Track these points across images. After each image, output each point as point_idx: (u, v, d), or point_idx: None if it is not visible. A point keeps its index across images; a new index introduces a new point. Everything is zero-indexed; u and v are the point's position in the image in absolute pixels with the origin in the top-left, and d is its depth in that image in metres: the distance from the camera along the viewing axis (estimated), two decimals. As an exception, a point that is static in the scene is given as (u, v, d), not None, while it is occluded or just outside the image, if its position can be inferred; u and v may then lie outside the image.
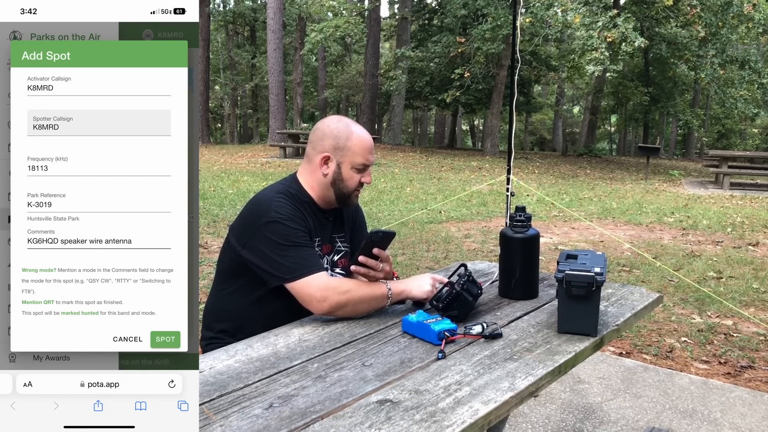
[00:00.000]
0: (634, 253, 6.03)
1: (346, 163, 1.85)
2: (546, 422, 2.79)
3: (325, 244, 1.94)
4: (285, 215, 1.78)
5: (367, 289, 1.74)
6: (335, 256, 1.97)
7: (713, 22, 15.06)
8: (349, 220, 2.06)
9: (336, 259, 1.98)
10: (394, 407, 1.24)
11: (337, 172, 1.86)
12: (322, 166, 1.86)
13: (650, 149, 16.04)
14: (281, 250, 1.74)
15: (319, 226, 1.91)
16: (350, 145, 1.85)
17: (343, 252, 2.00)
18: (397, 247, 6.22)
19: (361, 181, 1.89)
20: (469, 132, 44.83)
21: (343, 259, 1.99)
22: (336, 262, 1.98)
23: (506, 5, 17.29)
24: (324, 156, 1.86)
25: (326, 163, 1.86)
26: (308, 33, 21.91)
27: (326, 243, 1.94)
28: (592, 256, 1.72)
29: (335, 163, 1.85)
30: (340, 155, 1.85)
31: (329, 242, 1.96)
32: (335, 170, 1.86)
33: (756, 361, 3.52)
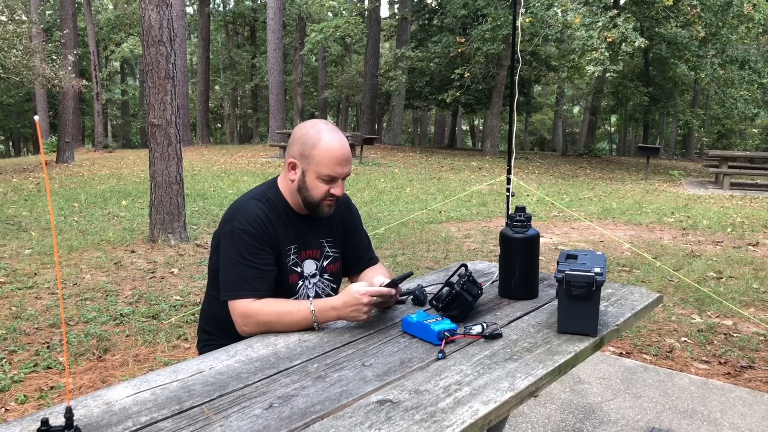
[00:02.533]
0: (634, 253, 6.03)
1: (310, 171, 1.77)
2: (546, 422, 2.79)
3: (308, 250, 1.88)
4: (246, 226, 1.74)
5: (287, 319, 1.67)
6: (324, 261, 1.92)
7: (713, 22, 15.06)
8: (339, 224, 1.99)
9: (325, 264, 1.92)
10: (394, 407, 1.24)
11: (302, 180, 1.79)
12: (289, 172, 1.81)
13: (650, 149, 16.04)
14: (229, 263, 1.73)
15: (295, 232, 1.85)
16: (315, 153, 1.75)
17: (332, 257, 1.94)
18: (397, 247, 6.22)
19: (331, 192, 1.80)
20: (469, 132, 44.82)
21: (333, 265, 1.94)
22: (325, 267, 1.92)
23: (506, 5, 17.30)
24: (290, 162, 1.80)
25: (293, 168, 1.81)
26: (308, 33, 21.92)
27: (309, 248, 1.88)
28: (592, 256, 1.72)
29: (300, 170, 1.79)
30: (305, 163, 1.77)
31: (316, 248, 1.90)
32: (300, 177, 1.79)
33: (756, 361, 3.52)
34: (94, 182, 11.58)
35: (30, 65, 12.95)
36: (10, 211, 8.21)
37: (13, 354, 3.44)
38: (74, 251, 5.88)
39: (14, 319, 3.98)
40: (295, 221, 1.85)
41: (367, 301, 1.64)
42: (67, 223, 7.37)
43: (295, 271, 1.85)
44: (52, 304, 4.30)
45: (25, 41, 13.03)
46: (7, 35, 12.51)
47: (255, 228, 1.74)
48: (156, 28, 6.10)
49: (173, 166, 6.25)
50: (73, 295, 4.53)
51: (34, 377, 3.15)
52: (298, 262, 1.85)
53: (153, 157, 6.28)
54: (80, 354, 3.45)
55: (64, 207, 8.49)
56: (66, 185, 11.06)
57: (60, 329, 3.81)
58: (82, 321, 3.98)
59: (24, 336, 3.70)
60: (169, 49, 6.16)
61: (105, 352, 3.49)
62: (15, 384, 3.07)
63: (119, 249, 6.05)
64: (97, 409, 1.24)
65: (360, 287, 1.65)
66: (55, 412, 1.18)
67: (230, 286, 1.72)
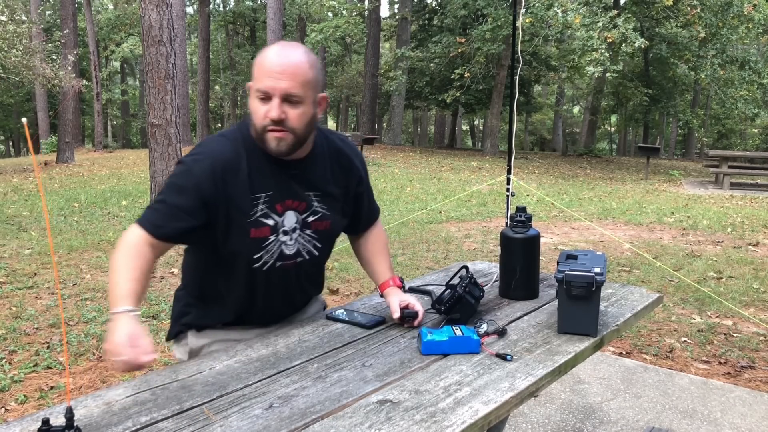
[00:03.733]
0: (634, 253, 6.03)
1: (252, 90, 1.50)
2: (546, 422, 2.79)
3: (288, 200, 1.60)
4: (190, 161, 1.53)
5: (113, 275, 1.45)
6: (310, 216, 1.64)
7: (713, 22, 15.06)
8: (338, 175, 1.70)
9: (311, 220, 1.65)
10: (394, 407, 1.24)
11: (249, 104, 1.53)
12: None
13: (650, 149, 16.03)
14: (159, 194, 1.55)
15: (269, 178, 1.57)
16: (255, 68, 1.49)
17: (320, 214, 1.66)
18: (397, 248, 6.22)
19: (267, 116, 1.48)
20: (469, 132, 44.82)
21: (319, 222, 1.67)
22: (309, 222, 1.65)
23: (506, 5, 17.30)
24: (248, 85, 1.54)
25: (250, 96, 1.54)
26: (308, 33, 21.92)
27: (289, 198, 1.60)
28: (592, 256, 1.72)
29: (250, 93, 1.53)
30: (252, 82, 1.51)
31: (299, 198, 1.62)
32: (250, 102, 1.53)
33: (756, 361, 3.52)
34: (94, 182, 11.57)
35: (30, 65, 12.96)
36: (10, 211, 8.21)
37: (13, 354, 3.44)
38: (74, 251, 5.88)
39: (14, 319, 3.98)
40: (271, 166, 1.57)
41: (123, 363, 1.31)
42: (67, 223, 7.36)
43: (265, 223, 1.57)
44: (52, 304, 4.30)
45: (25, 41, 13.04)
46: (7, 35, 12.51)
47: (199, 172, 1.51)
48: (156, 28, 6.10)
49: (173, 166, 6.25)
50: (73, 295, 4.53)
51: (34, 377, 3.15)
52: (270, 213, 1.58)
53: (153, 157, 6.28)
54: (80, 354, 3.45)
55: (64, 207, 8.49)
56: (66, 185, 11.06)
57: (60, 329, 3.81)
58: (82, 321, 3.98)
59: (24, 336, 3.70)
60: (169, 49, 6.16)
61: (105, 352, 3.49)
62: (15, 384, 3.07)
63: (119, 249, 6.05)
64: (97, 409, 1.24)
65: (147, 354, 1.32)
66: (55, 412, 1.18)
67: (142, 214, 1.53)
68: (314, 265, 1.74)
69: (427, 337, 1.52)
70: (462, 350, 1.51)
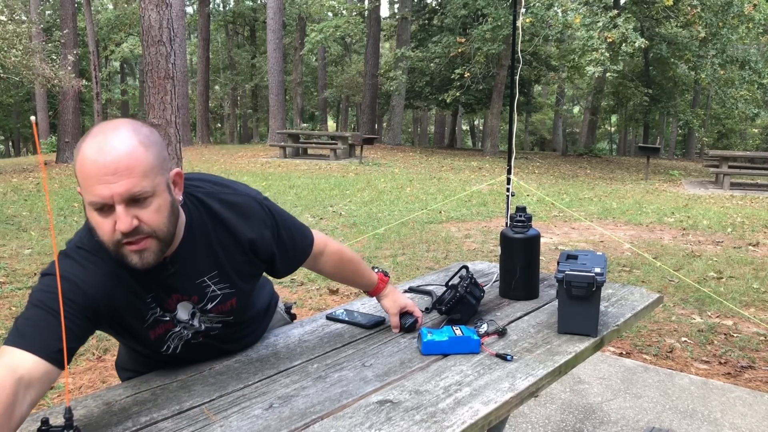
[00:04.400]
0: (634, 253, 6.03)
1: (87, 204, 1.19)
2: (546, 422, 2.79)
3: (172, 296, 1.36)
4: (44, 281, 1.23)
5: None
6: (208, 304, 1.41)
7: (713, 22, 15.05)
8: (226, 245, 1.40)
9: (210, 306, 1.41)
10: (394, 408, 1.24)
11: (89, 217, 1.22)
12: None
13: (650, 149, 16.02)
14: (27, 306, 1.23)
15: (145, 281, 1.31)
16: (78, 174, 1.17)
17: (220, 296, 1.42)
18: (397, 247, 6.22)
19: (118, 229, 1.16)
20: (469, 132, 44.81)
21: (223, 304, 1.43)
22: (209, 310, 1.42)
23: (506, 5, 17.29)
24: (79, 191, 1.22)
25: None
26: (308, 33, 21.91)
27: (175, 293, 1.36)
28: (593, 256, 1.72)
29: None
30: (81, 192, 1.19)
31: (187, 293, 1.38)
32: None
33: (756, 361, 3.52)
34: (94, 182, 11.55)
35: (30, 65, 12.95)
36: (10, 211, 8.21)
37: (13, 354, 3.43)
38: (74, 251, 5.87)
39: (14, 320, 3.98)
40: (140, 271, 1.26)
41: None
42: (67, 223, 7.36)
43: (162, 320, 1.37)
44: (52, 304, 4.29)
45: (25, 41, 13.03)
46: (7, 35, 12.51)
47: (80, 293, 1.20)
48: (156, 28, 6.10)
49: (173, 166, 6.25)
50: (73, 295, 4.52)
51: (34, 377, 3.14)
52: (164, 312, 1.36)
53: (153, 157, 6.28)
54: (80, 354, 3.45)
55: (64, 207, 8.49)
56: (66, 185, 11.06)
57: (60, 329, 3.81)
58: (82, 321, 3.97)
59: (24, 336, 3.70)
60: (169, 49, 6.16)
61: (105, 352, 3.49)
62: (15, 384, 3.06)
63: (119, 249, 6.05)
64: (97, 409, 1.24)
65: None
66: (55, 412, 1.18)
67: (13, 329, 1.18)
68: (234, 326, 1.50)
69: (427, 337, 1.52)
70: (462, 350, 1.51)
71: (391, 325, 1.71)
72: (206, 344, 1.47)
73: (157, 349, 1.41)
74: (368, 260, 5.72)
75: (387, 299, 1.73)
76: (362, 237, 6.64)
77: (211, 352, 1.51)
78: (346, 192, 10.25)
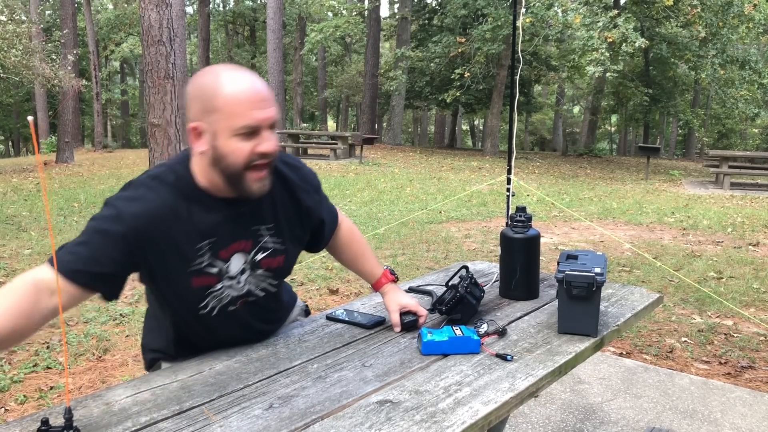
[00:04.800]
0: (635, 253, 6.03)
1: (222, 130, 1.30)
2: (546, 422, 2.79)
3: (231, 244, 1.43)
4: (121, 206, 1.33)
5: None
6: (259, 254, 1.48)
7: (713, 22, 15.05)
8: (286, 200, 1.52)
9: (259, 258, 1.48)
10: (394, 408, 1.24)
11: (214, 147, 1.32)
12: (195, 142, 1.35)
13: (650, 149, 16.02)
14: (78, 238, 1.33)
15: (209, 222, 1.39)
16: (221, 103, 1.29)
17: (271, 249, 1.49)
18: (397, 247, 6.22)
19: (257, 151, 1.31)
20: (469, 132, 44.81)
21: (271, 259, 1.51)
22: (258, 262, 1.49)
23: (506, 5, 17.29)
24: (193, 127, 1.33)
25: (199, 136, 1.34)
26: (308, 33, 21.92)
27: (234, 241, 1.43)
28: (593, 256, 1.72)
29: (209, 134, 1.32)
30: (211, 121, 1.31)
31: (244, 238, 1.45)
32: (211, 144, 1.32)
33: (756, 361, 3.52)
34: (94, 182, 11.57)
35: (30, 65, 12.95)
36: (9, 211, 8.21)
37: (12, 354, 3.44)
38: (74, 251, 5.87)
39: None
40: (214, 209, 1.39)
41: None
42: (67, 223, 7.36)
43: (209, 272, 1.41)
44: (52, 304, 4.29)
45: (24, 41, 13.02)
46: (6, 35, 12.51)
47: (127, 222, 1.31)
48: (156, 27, 6.10)
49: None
50: (73, 295, 4.52)
51: (34, 377, 3.15)
52: (214, 261, 1.42)
53: (153, 157, 6.28)
54: (80, 354, 3.45)
55: (64, 207, 8.49)
56: (66, 185, 11.06)
57: (59, 329, 3.81)
58: (82, 321, 3.98)
59: (24, 336, 3.70)
60: (168, 49, 6.16)
61: (105, 352, 3.49)
62: (15, 384, 3.07)
63: (119, 249, 6.04)
64: (97, 409, 1.23)
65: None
66: (55, 413, 1.18)
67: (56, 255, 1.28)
68: (270, 299, 1.58)
69: (427, 337, 1.52)
70: (462, 350, 1.51)
71: (391, 323, 1.71)
72: (239, 316, 1.52)
73: (195, 303, 1.44)
74: (368, 260, 5.71)
75: (388, 296, 1.75)
76: (362, 237, 6.63)
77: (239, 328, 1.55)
78: (346, 192, 10.25)
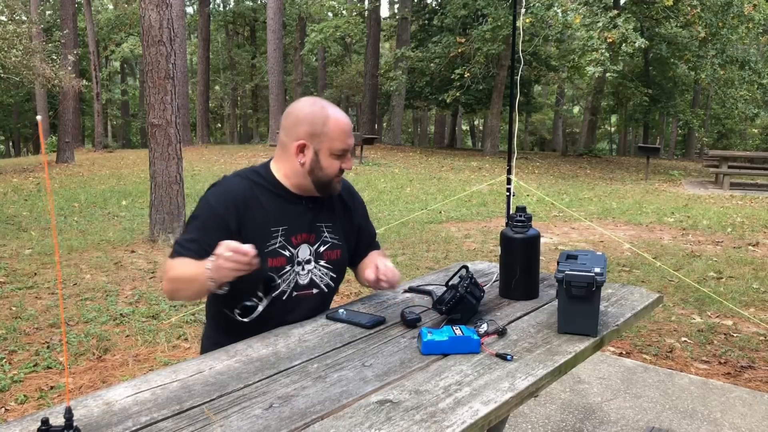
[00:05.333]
0: (634, 253, 6.03)
1: (324, 150, 1.72)
2: (546, 422, 2.79)
3: (302, 233, 1.78)
4: (210, 196, 1.73)
5: (184, 269, 1.62)
6: (321, 246, 1.82)
7: (713, 22, 15.05)
8: (341, 210, 1.91)
9: (322, 250, 1.82)
10: (394, 407, 1.24)
11: (315, 160, 1.73)
12: (298, 155, 1.73)
13: (650, 149, 16.02)
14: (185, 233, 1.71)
15: (286, 214, 1.76)
16: (327, 130, 1.71)
17: (330, 243, 1.84)
18: (397, 247, 6.22)
19: (342, 167, 1.76)
20: (469, 132, 44.81)
21: (331, 252, 1.84)
22: (321, 253, 1.82)
23: (506, 5, 17.28)
24: (299, 144, 1.72)
25: (302, 151, 1.73)
26: (308, 33, 21.93)
27: (302, 232, 1.78)
28: (592, 256, 1.72)
29: (312, 150, 1.72)
30: (317, 142, 1.72)
31: (310, 231, 1.80)
32: (312, 158, 1.73)
33: (756, 361, 3.52)
34: (94, 182, 11.57)
35: (30, 65, 12.94)
36: (10, 211, 8.21)
37: (13, 354, 3.44)
38: (74, 251, 5.88)
39: (14, 319, 3.98)
40: (288, 202, 1.78)
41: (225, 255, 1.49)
42: (67, 223, 7.37)
43: (282, 254, 1.74)
44: (52, 304, 4.30)
45: (25, 41, 13.02)
46: (7, 35, 12.50)
47: (220, 205, 1.69)
48: (156, 28, 6.10)
49: (173, 166, 6.25)
50: (73, 295, 4.53)
51: (34, 377, 3.15)
52: (286, 245, 1.75)
53: (153, 157, 6.28)
54: (80, 354, 3.45)
55: (64, 207, 8.49)
56: (66, 185, 11.06)
57: (60, 329, 3.81)
58: (82, 321, 3.98)
59: (24, 336, 3.70)
60: (169, 49, 6.16)
61: (105, 352, 3.50)
62: (15, 384, 3.07)
63: (119, 249, 6.05)
64: (97, 409, 1.24)
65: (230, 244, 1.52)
66: (55, 412, 1.18)
67: (173, 249, 1.68)
68: (329, 296, 1.87)
69: (427, 337, 1.52)
70: (462, 350, 1.51)
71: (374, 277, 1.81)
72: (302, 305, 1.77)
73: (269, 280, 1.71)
74: (368, 260, 5.71)
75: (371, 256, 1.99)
76: (362, 237, 6.64)
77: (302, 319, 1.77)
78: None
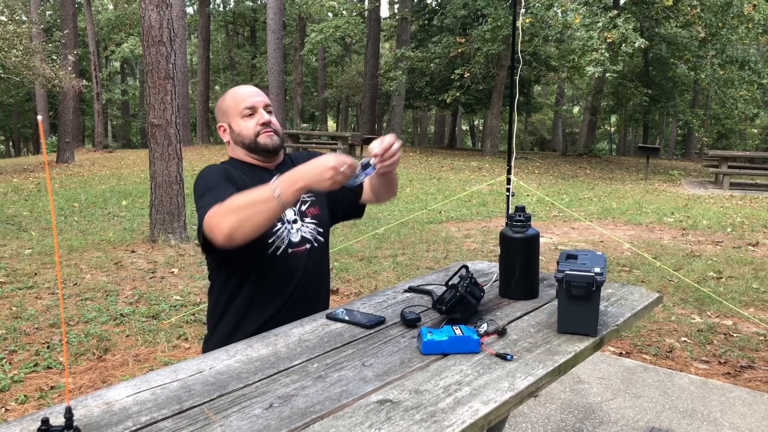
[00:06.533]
0: (634, 253, 6.03)
1: (233, 119, 1.88)
2: (546, 422, 2.79)
3: None
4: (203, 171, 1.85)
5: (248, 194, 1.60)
6: (302, 206, 1.94)
7: (713, 22, 15.05)
8: None
9: (304, 209, 1.94)
10: (394, 407, 1.24)
11: (232, 132, 1.89)
12: (224, 137, 1.93)
13: (650, 149, 16.02)
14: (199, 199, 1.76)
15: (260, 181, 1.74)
16: (228, 104, 1.90)
17: (309, 201, 1.96)
18: (397, 247, 6.22)
19: (258, 123, 1.87)
20: (469, 132, 44.81)
21: (312, 208, 1.96)
22: (305, 212, 1.94)
23: (506, 5, 17.29)
24: (220, 127, 1.93)
25: (225, 131, 1.92)
26: (308, 33, 21.92)
27: None
28: (592, 256, 1.72)
29: (227, 126, 1.91)
30: (226, 118, 1.90)
31: None
32: (230, 131, 1.90)
33: (756, 361, 3.52)
34: (94, 182, 11.58)
35: (30, 65, 12.95)
36: (10, 211, 8.21)
37: (13, 354, 3.44)
38: (74, 251, 5.88)
39: (14, 319, 3.98)
40: (258, 174, 1.88)
41: (335, 164, 1.51)
42: (68, 223, 7.37)
43: None
44: (52, 304, 4.30)
45: (25, 41, 13.02)
46: (7, 35, 12.50)
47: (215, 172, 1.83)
48: (156, 28, 6.10)
49: (173, 166, 6.26)
50: (74, 295, 4.53)
51: (34, 377, 3.15)
52: None
53: (153, 157, 6.28)
54: (80, 354, 3.45)
55: (65, 207, 8.49)
56: (66, 185, 11.06)
57: (60, 329, 3.81)
58: (82, 321, 3.98)
59: (24, 336, 3.70)
60: (169, 49, 6.16)
61: (105, 352, 3.50)
62: (15, 384, 3.07)
63: (119, 249, 6.05)
64: (97, 409, 1.24)
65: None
66: (55, 412, 1.18)
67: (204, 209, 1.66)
68: (321, 251, 1.96)
69: (427, 336, 1.52)
70: (462, 350, 1.51)
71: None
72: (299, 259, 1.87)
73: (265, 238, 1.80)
74: (368, 260, 5.72)
75: None
76: (362, 237, 6.64)
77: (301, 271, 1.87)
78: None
